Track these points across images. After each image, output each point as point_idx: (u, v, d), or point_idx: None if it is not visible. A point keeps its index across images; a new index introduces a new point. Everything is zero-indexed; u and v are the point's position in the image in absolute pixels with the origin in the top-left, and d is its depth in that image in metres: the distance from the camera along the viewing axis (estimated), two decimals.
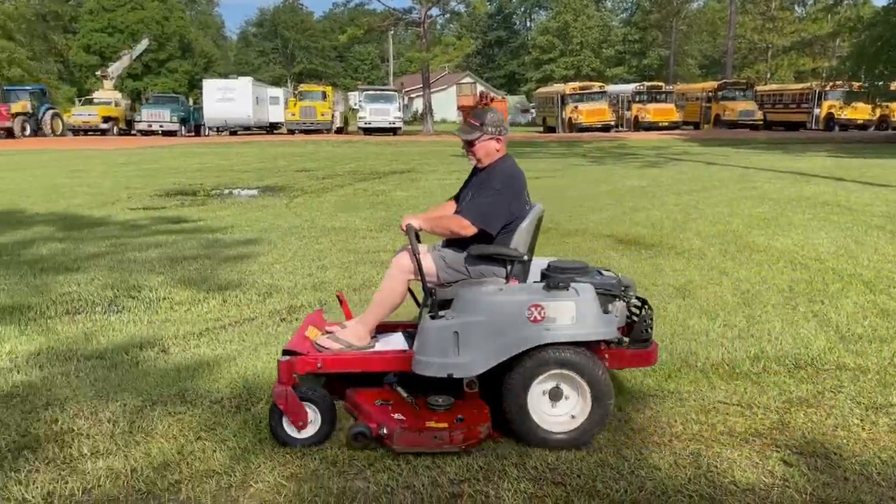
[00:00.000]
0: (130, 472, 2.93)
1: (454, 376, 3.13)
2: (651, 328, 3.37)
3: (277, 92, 41.77)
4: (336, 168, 17.75)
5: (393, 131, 36.39)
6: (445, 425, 3.09)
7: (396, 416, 3.18)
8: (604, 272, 3.50)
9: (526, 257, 3.49)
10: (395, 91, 40.07)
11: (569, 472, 2.92)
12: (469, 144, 3.57)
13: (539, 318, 3.09)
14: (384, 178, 15.37)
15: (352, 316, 3.80)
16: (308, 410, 3.16)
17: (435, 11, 42.58)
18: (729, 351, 4.29)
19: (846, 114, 33.18)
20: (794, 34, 53.20)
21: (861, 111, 31.79)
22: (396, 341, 3.61)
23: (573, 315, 3.10)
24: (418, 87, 45.92)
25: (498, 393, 3.15)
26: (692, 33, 62.84)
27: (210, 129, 38.18)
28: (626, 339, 3.36)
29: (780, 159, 18.73)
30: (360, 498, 2.75)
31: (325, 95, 37.92)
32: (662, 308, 5.18)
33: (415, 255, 3.34)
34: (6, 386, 3.83)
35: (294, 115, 37.09)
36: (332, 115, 37.95)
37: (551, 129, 39.72)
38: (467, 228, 3.39)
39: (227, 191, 13.30)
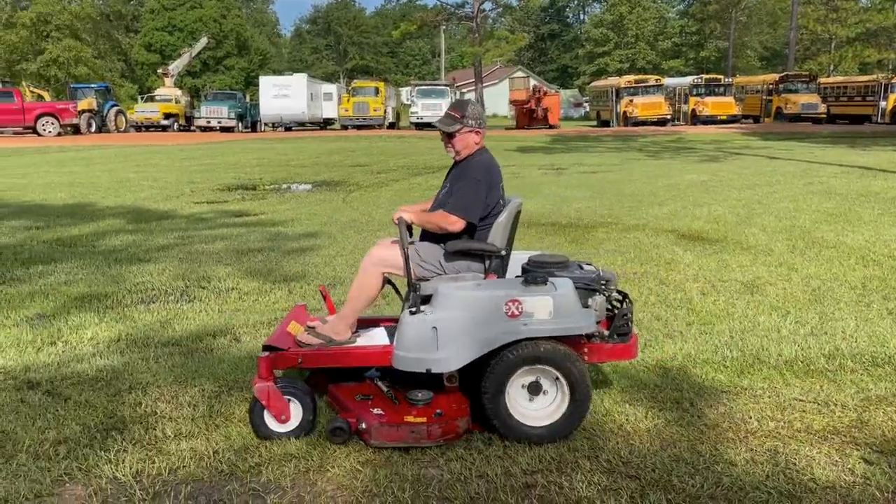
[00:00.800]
0: (213, 453, 3.03)
1: (432, 371, 3.14)
2: (631, 322, 3.37)
3: (331, 88, 42.35)
4: (389, 163, 17.91)
5: None
6: (424, 420, 3.10)
7: (375, 410, 3.19)
8: (584, 266, 3.50)
9: (503, 252, 3.46)
10: (447, 86, 40.16)
11: (643, 465, 2.91)
12: (449, 136, 3.52)
13: (516, 312, 3.09)
14: (437, 172, 15.42)
15: (335, 310, 3.80)
16: (290, 404, 3.18)
17: (488, 6, 42.52)
18: (802, 348, 4.19)
19: None
20: (858, 25, 51.12)
21: None
22: (378, 336, 3.58)
23: (550, 310, 3.10)
24: (470, 81, 45.93)
25: (478, 387, 3.15)
26: (752, 24, 61.14)
27: (266, 124, 38.93)
28: (606, 333, 3.35)
29: (846, 153, 18.10)
30: (435, 485, 2.79)
31: (377, 91, 38.28)
32: (731, 304, 5.10)
33: (404, 250, 3.32)
34: (91, 370, 4.00)
35: (347, 110, 37.55)
36: (385, 111, 38.28)
37: (605, 124, 39.23)
38: (454, 223, 3.37)
39: (284, 185, 13.56)
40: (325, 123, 40.63)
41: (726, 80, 39.79)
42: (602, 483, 2.79)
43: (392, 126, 40.11)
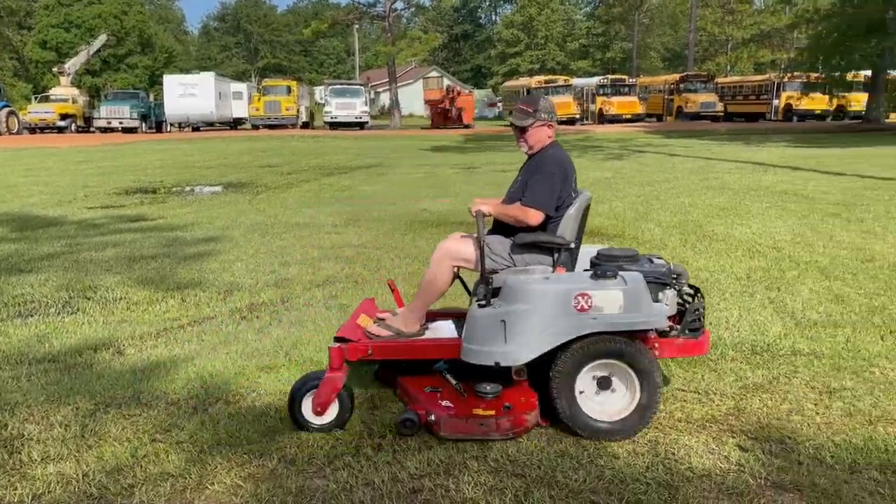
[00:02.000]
0: (82, 476, 2.85)
1: (500, 364, 3.13)
2: (703, 317, 3.35)
3: (241, 87, 41.26)
4: (301, 163, 17.58)
5: (360, 126, 36.17)
6: (493, 413, 3.10)
7: (444, 403, 3.20)
8: (655, 260, 3.48)
9: (573, 245, 3.48)
10: (362, 85, 39.82)
11: (529, 463, 2.92)
12: (521, 131, 3.55)
13: (586, 306, 3.07)
14: (350, 172, 15.27)
15: (403, 304, 3.82)
16: (335, 400, 3.18)
17: (399, 5, 42.39)
18: None
19: (804, 104, 33.88)
20: (753, 26, 54.14)
21: (818, 101, 32.50)
22: (446, 329, 3.63)
23: (621, 304, 3.08)
24: (385, 80, 45.74)
25: (546, 381, 3.16)
26: (654, 26, 63.57)
27: (172, 125, 37.56)
28: (677, 328, 3.34)
29: (741, 150, 19.04)
30: (319, 496, 2.72)
31: (289, 90, 37.56)
32: None
33: (481, 242, 3.33)
34: None
35: (258, 110, 36.68)
36: (298, 110, 37.60)
37: None
38: (534, 217, 3.39)
39: (188, 188, 13.08)
40: (236, 123, 39.56)
41: (631, 80, 41.22)
42: (488, 483, 2.78)
43: (306, 126, 39.42)
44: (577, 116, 37.48)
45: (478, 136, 30.35)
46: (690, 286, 3.47)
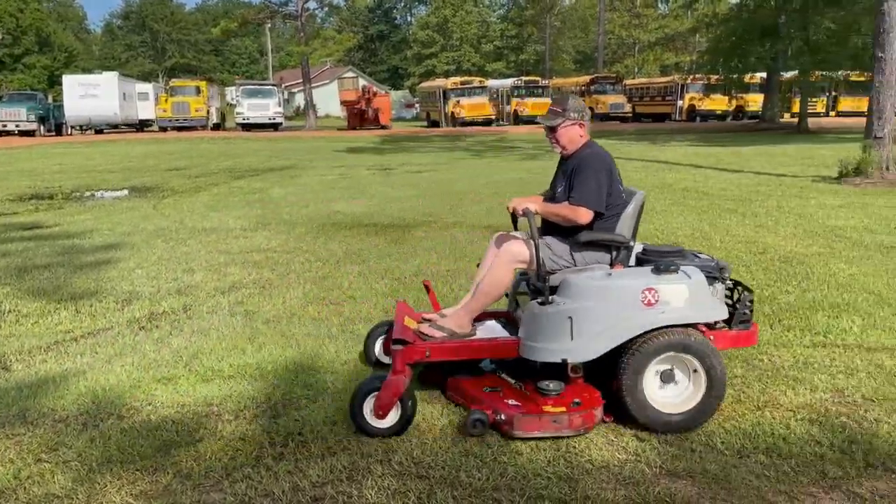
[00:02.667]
0: None
1: (569, 361, 3.14)
2: (752, 310, 3.44)
3: (147, 87, 39.73)
4: (210, 166, 17.07)
5: (273, 127, 35.47)
6: (563, 409, 3.09)
7: (511, 401, 3.17)
8: (700, 255, 3.53)
9: (631, 243, 3.52)
10: (274, 85, 39.05)
11: (433, 464, 2.92)
12: (551, 130, 3.57)
13: (653, 301, 3.12)
14: (262, 175, 14.93)
15: (439, 305, 3.79)
16: (395, 406, 3.12)
17: (312, 5, 41.80)
18: None
19: (706, 105, 35.42)
20: (658, 30, 56.23)
21: (719, 102, 34.00)
22: (494, 329, 3.64)
23: (686, 298, 3.14)
24: (299, 81, 44.94)
25: (608, 377, 3.18)
26: (566, 29, 65.05)
27: (73, 127, 35.78)
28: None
29: (647, 149, 19.74)
30: None
31: (199, 90, 36.42)
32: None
33: (535, 239, 3.32)
34: None
35: (166, 111, 35.46)
36: (208, 111, 36.51)
37: (435, 124, 39.99)
38: (583, 215, 3.41)
39: (88, 193, 12.46)
40: (142, 125, 38.05)
41: (544, 82, 42.05)
42: (392, 487, 2.76)
43: (217, 127, 38.32)
44: (493, 117, 37.93)
45: (395, 136, 30.29)
46: (732, 280, 3.56)
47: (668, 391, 3.22)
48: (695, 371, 3.19)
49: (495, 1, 76.80)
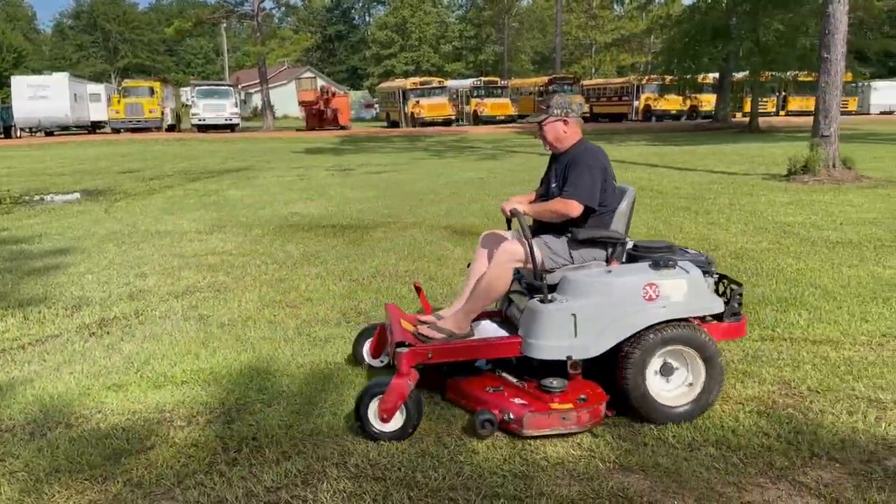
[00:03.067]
0: None
1: (573, 358, 3.15)
2: (741, 302, 3.50)
3: (99, 88, 38.85)
4: (165, 168, 16.76)
5: (230, 128, 34.98)
6: (571, 406, 3.08)
7: (517, 400, 3.15)
8: (689, 250, 3.57)
9: (626, 240, 3.56)
10: (231, 86, 38.54)
11: (389, 465, 2.91)
12: (538, 127, 3.64)
13: (654, 296, 3.16)
14: (218, 177, 14.71)
15: (430, 307, 3.75)
16: (399, 410, 3.10)
17: (268, 4, 41.45)
18: None
19: (661, 105, 36.03)
20: (614, 31, 56.95)
21: (673, 102, 34.63)
22: (491, 328, 3.65)
23: (685, 292, 3.20)
24: (256, 82, 44.39)
25: (607, 372, 3.20)
26: (524, 30, 65.54)
27: (22, 130, 34.80)
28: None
29: (604, 149, 19.94)
30: None
31: (152, 91, 35.75)
32: None
33: (528, 238, 3.33)
34: None
35: (118, 112, 34.75)
36: (162, 112, 35.86)
37: (395, 124, 39.90)
38: (575, 208, 3.44)
39: (38, 197, 12.12)
40: (94, 127, 37.21)
41: (503, 82, 42.29)
42: (347, 490, 2.75)
43: (172, 129, 37.63)
44: (453, 118, 38.00)
45: (354, 137, 30.13)
46: (718, 274, 3.62)
47: (669, 384, 3.29)
48: (695, 363, 3.27)
49: (454, 1, 77.01)
